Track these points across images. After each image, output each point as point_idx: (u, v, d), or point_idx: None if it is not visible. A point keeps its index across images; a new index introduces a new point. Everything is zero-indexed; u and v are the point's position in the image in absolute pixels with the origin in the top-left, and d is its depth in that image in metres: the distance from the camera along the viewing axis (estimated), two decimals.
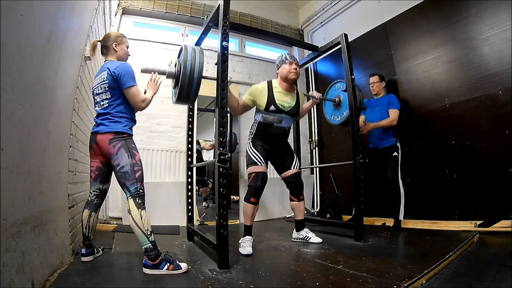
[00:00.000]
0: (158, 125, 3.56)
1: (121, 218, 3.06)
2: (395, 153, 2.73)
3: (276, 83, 2.24)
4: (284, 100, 2.19)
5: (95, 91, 1.69)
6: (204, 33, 2.33)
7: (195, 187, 3.13)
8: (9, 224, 1.01)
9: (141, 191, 1.58)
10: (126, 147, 1.60)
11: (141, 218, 1.52)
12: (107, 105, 1.64)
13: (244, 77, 4.23)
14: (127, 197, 1.56)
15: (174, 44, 3.84)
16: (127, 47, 1.82)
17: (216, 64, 1.79)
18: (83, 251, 1.69)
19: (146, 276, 1.46)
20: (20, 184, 1.11)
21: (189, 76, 1.74)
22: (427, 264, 1.52)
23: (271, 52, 4.71)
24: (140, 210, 1.53)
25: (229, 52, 1.77)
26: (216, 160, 1.63)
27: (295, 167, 2.28)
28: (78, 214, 2.04)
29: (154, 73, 1.79)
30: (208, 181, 5.03)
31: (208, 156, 5.04)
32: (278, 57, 2.28)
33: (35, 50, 1.22)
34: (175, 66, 1.85)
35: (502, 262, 1.59)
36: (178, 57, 1.89)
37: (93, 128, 1.67)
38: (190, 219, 2.43)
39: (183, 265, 1.55)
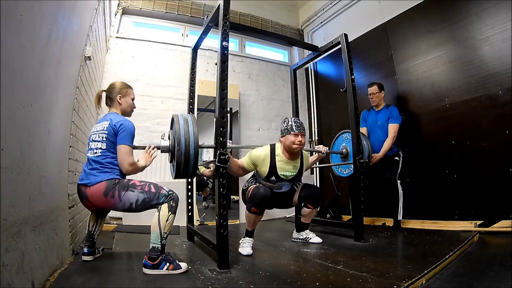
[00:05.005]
0: (158, 125, 3.56)
1: (121, 218, 3.06)
2: (396, 158, 2.75)
3: (279, 150, 2.11)
4: (286, 169, 2.10)
5: (91, 137, 1.65)
6: (204, 33, 2.33)
7: (195, 187, 3.12)
8: (9, 224, 1.01)
9: (171, 193, 1.58)
10: (124, 187, 1.54)
11: (166, 220, 1.52)
12: (100, 153, 1.59)
13: (244, 77, 4.24)
14: (161, 206, 1.54)
15: (174, 44, 3.84)
16: (133, 99, 1.79)
17: (216, 64, 1.79)
18: (85, 250, 1.68)
19: (146, 276, 1.46)
20: (20, 184, 1.11)
21: (185, 152, 1.62)
22: (427, 264, 1.52)
23: (271, 52, 4.72)
24: (170, 213, 1.54)
25: (229, 52, 1.77)
26: (216, 160, 1.64)
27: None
28: (78, 214, 2.04)
29: (150, 146, 1.72)
30: (208, 181, 5.02)
31: (208, 156, 5.03)
32: (284, 122, 2.10)
33: (35, 50, 1.22)
34: (169, 138, 1.74)
35: (502, 262, 1.59)
36: (171, 128, 1.79)
37: (80, 178, 1.60)
38: (190, 219, 2.43)
39: (183, 265, 1.55)
